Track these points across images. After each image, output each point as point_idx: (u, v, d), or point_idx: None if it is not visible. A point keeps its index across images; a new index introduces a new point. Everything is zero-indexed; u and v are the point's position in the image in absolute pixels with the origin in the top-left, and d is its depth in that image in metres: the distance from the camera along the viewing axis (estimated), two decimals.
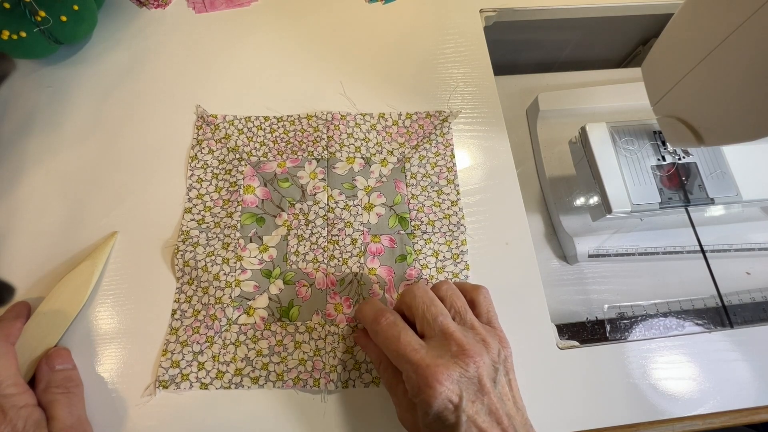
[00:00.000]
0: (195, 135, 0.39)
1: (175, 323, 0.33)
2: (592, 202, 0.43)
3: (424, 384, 0.24)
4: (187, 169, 0.38)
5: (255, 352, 0.33)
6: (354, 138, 0.39)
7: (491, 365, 0.26)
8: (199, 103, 0.41)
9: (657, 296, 0.44)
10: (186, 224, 0.36)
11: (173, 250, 0.35)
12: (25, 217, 0.36)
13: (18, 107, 0.41)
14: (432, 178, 0.39)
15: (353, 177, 0.38)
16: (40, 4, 0.36)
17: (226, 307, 0.33)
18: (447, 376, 0.24)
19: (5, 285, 0.29)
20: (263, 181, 0.38)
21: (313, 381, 0.31)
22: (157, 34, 0.44)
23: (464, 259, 0.36)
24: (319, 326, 0.33)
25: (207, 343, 0.32)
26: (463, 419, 0.24)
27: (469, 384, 0.25)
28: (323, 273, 0.35)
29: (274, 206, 0.37)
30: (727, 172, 0.40)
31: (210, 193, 0.37)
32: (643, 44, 0.61)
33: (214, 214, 0.37)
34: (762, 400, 0.33)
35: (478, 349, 0.26)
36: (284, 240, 0.36)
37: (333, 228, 0.36)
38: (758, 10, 0.24)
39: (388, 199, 0.37)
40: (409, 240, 0.36)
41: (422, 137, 0.40)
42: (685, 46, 0.31)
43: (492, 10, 0.47)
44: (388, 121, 0.41)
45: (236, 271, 0.34)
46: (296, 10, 0.46)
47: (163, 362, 0.32)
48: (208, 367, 0.32)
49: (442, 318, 0.27)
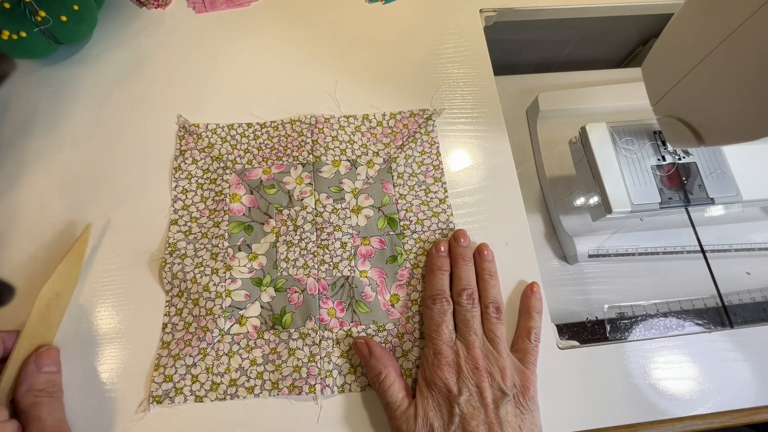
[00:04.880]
0: (177, 145, 0.39)
1: (167, 337, 0.33)
2: (592, 202, 0.43)
3: (437, 366, 0.30)
4: (171, 180, 0.38)
5: (249, 361, 0.32)
6: (339, 141, 0.39)
7: (499, 389, 0.29)
8: (198, 104, 0.41)
9: (657, 296, 0.44)
10: (173, 236, 0.36)
11: (160, 263, 0.35)
12: (25, 217, 0.36)
13: (18, 107, 0.41)
14: (419, 177, 0.38)
15: (340, 180, 0.38)
16: (40, 4, 0.36)
17: (218, 318, 0.33)
18: (454, 372, 0.29)
19: (5, 285, 0.29)
20: (249, 188, 0.37)
21: (308, 387, 0.31)
22: (157, 34, 0.44)
23: None
24: (312, 332, 0.33)
25: (200, 356, 0.32)
26: (456, 411, 0.28)
27: (470, 389, 0.29)
28: (314, 278, 0.34)
29: (261, 213, 0.37)
30: (727, 172, 0.40)
31: (196, 204, 0.37)
32: (643, 44, 0.61)
33: (201, 225, 0.36)
34: (762, 400, 0.33)
35: (490, 369, 0.30)
36: (273, 247, 0.35)
37: (322, 232, 0.36)
38: (758, 10, 0.24)
39: (376, 200, 0.37)
40: (398, 240, 0.36)
41: (407, 136, 0.40)
42: (685, 46, 0.31)
43: (492, 10, 0.47)
44: (372, 122, 0.41)
45: (226, 281, 0.34)
46: (297, 10, 0.46)
47: (156, 377, 0.31)
48: (202, 379, 0.32)
49: (473, 334, 0.31)
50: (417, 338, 0.33)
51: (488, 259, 0.35)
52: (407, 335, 0.33)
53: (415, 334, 0.33)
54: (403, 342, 0.33)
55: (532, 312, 0.34)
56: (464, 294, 0.32)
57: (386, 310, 0.34)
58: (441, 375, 0.29)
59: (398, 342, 0.33)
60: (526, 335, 0.33)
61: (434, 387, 0.29)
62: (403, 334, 0.33)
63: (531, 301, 0.34)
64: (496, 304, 0.33)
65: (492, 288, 0.34)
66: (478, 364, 0.30)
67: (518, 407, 0.29)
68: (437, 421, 0.28)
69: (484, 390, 0.29)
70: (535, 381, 0.31)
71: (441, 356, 0.30)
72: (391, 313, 0.34)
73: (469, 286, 0.33)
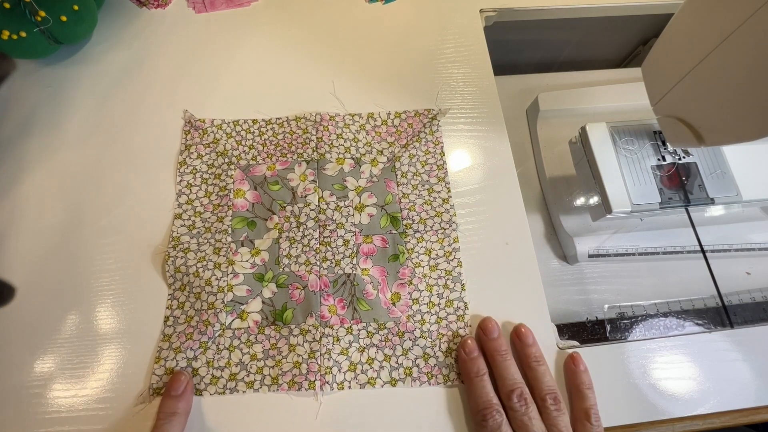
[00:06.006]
0: (183, 140, 0.39)
1: (168, 330, 0.33)
2: (592, 202, 0.43)
3: None
4: (176, 175, 0.38)
5: (249, 356, 0.32)
6: (343, 139, 0.39)
7: None
8: (198, 104, 0.41)
9: (657, 296, 0.44)
10: (176, 230, 0.36)
11: (164, 256, 0.35)
12: (25, 217, 0.36)
13: (18, 107, 0.41)
14: (423, 177, 0.38)
15: (344, 178, 0.38)
16: (40, 4, 0.36)
17: (219, 312, 0.33)
18: None
19: (5, 285, 0.29)
20: (253, 184, 0.38)
21: (308, 384, 0.31)
22: (157, 34, 0.44)
23: (457, 256, 0.36)
24: (313, 328, 0.33)
25: (201, 349, 0.32)
26: None
27: None
28: (316, 275, 0.34)
29: (264, 209, 0.37)
30: (727, 172, 0.40)
31: (200, 198, 0.37)
32: (643, 44, 0.61)
33: (205, 219, 0.36)
34: (762, 400, 0.33)
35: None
36: (276, 243, 0.35)
37: (325, 229, 0.36)
38: (758, 10, 0.24)
39: (379, 199, 0.37)
40: (401, 239, 0.36)
41: (412, 136, 0.40)
42: (685, 46, 0.31)
43: (492, 10, 0.47)
44: (377, 120, 0.41)
45: (228, 275, 0.34)
46: (297, 11, 0.46)
47: (157, 369, 0.32)
48: (203, 372, 0.32)
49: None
50: (417, 337, 0.33)
51: (529, 342, 0.32)
52: (408, 334, 0.33)
53: (415, 332, 0.33)
54: (404, 341, 0.33)
55: (582, 389, 0.31)
56: (514, 396, 0.30)
57: (387, 308, 0.34)
58: None
59: (399, 340, 0.33)
60: (585, 418, 0.30)
61: None
62: (403, 332, 0.33)
63: (578, 378, 0.32)
64: (553, 394, 0.30)
65: (543, 376, 0.31)
66: None
67: None
68: None
69: None
70: None
71: None
72: (391, 312, 0.34)
73: (517, 385, 0.30)
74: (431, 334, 0.34)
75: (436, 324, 0.34)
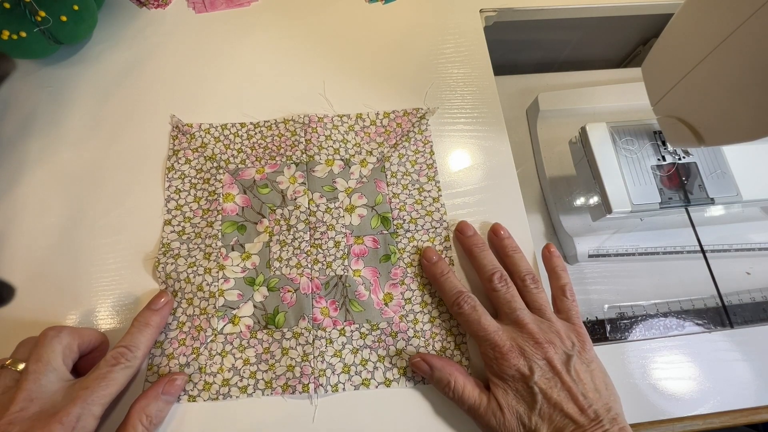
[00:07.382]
0: (171, 145, 0.39)
1: (160, 336, 0.33)
2: (592, 202, 0.43)
3: (501, 358, 0.30)
4: (164, 181, 0.38)
5: (242, 361, 0.32)
6: (332, 140, 0.39)
7: (563, 353, 0.30)
8: (199, 104, 0.41)
9: (657, 296, 0.44)
10: (166, 236, 0.36)
11: (154, 263, 0.35)
12: (25, 217, 0.36)
13: (18, 107, 0.41)
14: (412, 176, 0.38)
15: (333, 179, 0.38)
16: (40, 4, 0.36)
17: (211, 318, 0.32)
18: (518, 355, 0.30)
19: (5, 285, 0.29)
20: (242, 188, 0.37)
21: (302, 387, 0.31)
22: (157, 34, 0.44)
23: (449, 255, 0.36)
24: (306, 331, 0.33)
25: (193, 355, 0.32)
26: (535, 390, 0.29)
27: (539, 365, 0.29)
28: (307, 277, 0.34)
29: (254, 213, 0.37)
30: (727, 172, 0.40)
31: (189, 204, 0.37)
32: (643, 44, 0.61)
33: (194, 225, 0.36)
34: (762, 400, 0.33)
35: (548, 338, 0.30)
36: (266, 246, 0.35)
37: (315, 232, 0.36)
38: (758, 10, 0.24)
39: (369, 199, 0.37)
40: (392, 239, 0.36)
41: (401, 136, 0.40)
42: (685, 46, 0.31)
43: (492, 10, 0.47)
44: (365, 121, 0.40)
45: (219, 280, 0.34)
46: (297, 11, 0.46)
47: (149, 376, 0.31)
48: (195, 379, 0.32)
49: (519, 312, 0.31)
50: (410, 337, 0.33)
51: (506, 236, 0.35)
52: (401, 334, 0.33)
53: (408, 332, 0.33)
54: (397, 341, 0.33)
55: (557, 271, 0.35)
56: (495, 279, 0.33)
57: (380, 309, 0.34)
58: (508, 364, 0.29)
59: (392, 341, 0.33)
60: (561, 294, 0.34)
61: (507, 377, 0.30)
62: (396, 332, 0.33)
63: (553, 261, 0.35)
64: (531, 275, 0.33)
65: (520, 261, 0.34)
66: (537, 339, 0.30)
67: (583, 362, 0.30)
68: (522, 406, 0.29)
69: (551, 360, 0.29)
70: (586, 333, 0.32)
71: (498, 347, 0.30)
72: (384, 312, 0.34)
73: (496, 269, 0.33)
74: (424, 333, 0.34)
75: (429, 323, 0.34)
